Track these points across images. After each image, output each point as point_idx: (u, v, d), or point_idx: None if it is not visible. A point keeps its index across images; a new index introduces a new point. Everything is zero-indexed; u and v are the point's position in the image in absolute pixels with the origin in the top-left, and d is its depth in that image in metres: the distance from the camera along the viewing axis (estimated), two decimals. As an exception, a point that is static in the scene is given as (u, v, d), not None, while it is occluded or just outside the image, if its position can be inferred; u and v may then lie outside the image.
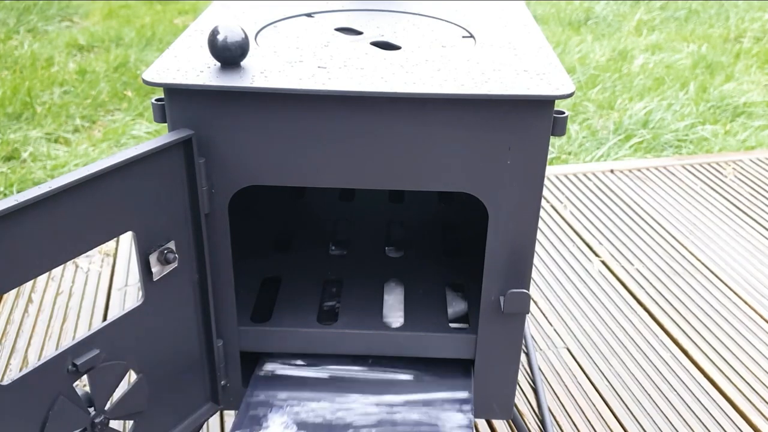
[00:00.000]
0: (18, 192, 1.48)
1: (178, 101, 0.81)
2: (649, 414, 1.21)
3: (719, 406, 1.24)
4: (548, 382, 1.27)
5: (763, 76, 2.96)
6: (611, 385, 1.27)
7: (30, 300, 1.46)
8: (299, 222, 1.26)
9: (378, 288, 1.08)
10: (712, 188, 1.96)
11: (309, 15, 1.05)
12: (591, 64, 3.02)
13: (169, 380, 0.90)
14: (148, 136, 2.35)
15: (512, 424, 1.18)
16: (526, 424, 1.18)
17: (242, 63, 0.83)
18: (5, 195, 1.93)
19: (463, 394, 0.95)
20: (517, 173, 0.83)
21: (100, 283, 1.52)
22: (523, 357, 1.32)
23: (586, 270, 1.59)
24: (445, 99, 0.79)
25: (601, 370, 1.31)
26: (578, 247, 1.67)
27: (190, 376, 0.93)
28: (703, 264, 1.62)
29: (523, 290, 0.90)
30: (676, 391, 1.27)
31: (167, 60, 0.84)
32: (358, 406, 0.93)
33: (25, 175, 2.04)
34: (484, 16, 1.06)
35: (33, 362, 1.29)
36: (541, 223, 1.78)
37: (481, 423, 1.18)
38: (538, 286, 1.54)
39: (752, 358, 1.35)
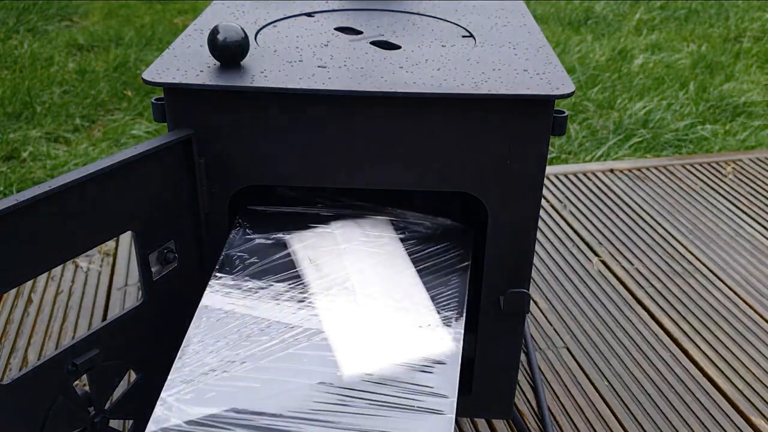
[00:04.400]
0: (18, 192, 1.48)
1: (177, 101, 0.81)
2: (649, 414, 1.21)
3: (719, 406, 1.24)
4: (548, 382, 1.27)
5: (763, 75, 2.96)
6: (611, 385, 1.27)
7: (30, 300, 1.46)
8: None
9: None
10: (712, 188, 1.96)
11: (309, 15, 1.05)
12: (591, 63, 3.02)
13: (168, 380, 0.90)
14: (148, 135, 2.35)
15: (512, 424, 1.18)
16: (526, 424, 1.18)
17: (242, 63, 0.83)
18: (5, 195, 1.93)
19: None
20: (517, 173, 0.83)
21: (100, 283, 1.52)
22: (523, 357, 1.32)
23: (586, 270, 1.59)
24: (445, 99, 0.79)
25: (601, 370, 1.31)
26: (578, 247, 1.67)
27: (189, 376, 0.93)
28: (703, 264, 1.62)
29: (523, 290, 0.90)
30: (676, 391, 1.27)
31: (167, 59, 0.84)
32: None
33: (25, 175, 2.04)
34: (484, 16, 1.06)
35: (33, 362, 1.29)
36: (541, 223, 1.78)
37: (481, 423, 1.18)
38: (538, 286, 1.54)
39: (752, 358, 1.35)
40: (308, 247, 0.90)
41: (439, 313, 0.81)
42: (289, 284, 0.84)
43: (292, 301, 0.81)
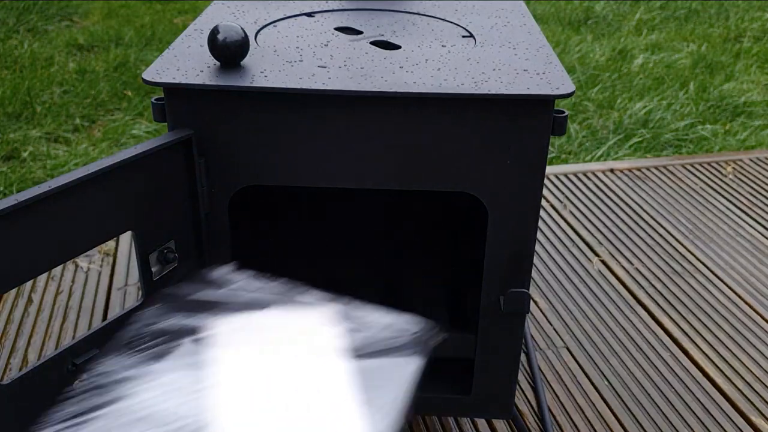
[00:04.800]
0: (18, 192, 1.48)
1: (177, 101, 0.81)
2: (649, 414, 1.21)
3: (719, 406, 1.24)
4: (548, 382, 1.27)
5: (763, 75, 2.96)
6: (611, 385, 1.27)
7: (30, 300, 1.46)
8: (299, 222, 1.26)
9: (378, 288, 1.08)
10: (712, 188, 1.96)
11: (309, 15, 1.05)
12: (591, 63, 3.02)
13: (168, 380, 0.90)
14: (148, 135, 2.35)
15: (512, 424, 1.18)
16: (526, 424, 1.18)
17: (242, 62, 0.83)
18: (5, 195, 1.93)
19: None
20: (517, 173, 0.83)
21: (100, 283, 1.52)
22: (523, 357, 1.32)
23: (586, 270, 1.59)
24: (445, 99, 0.79)
25: (601, 370, 1.31)
26: (578, 247, 1.67)
27: (189, 376, 0.93)
28: (703, 264, 1.62)
29: (523, 290, 0.90)
30: (676, 391, 1.27)
31: (167, 59, 0.84)
32: None
33: (25, 175, 2.04)
34: (484, 16, 1.06)
35: (33, 362, 1.29)
36: (541, 223, 1.77)
37: (481, 423, 1.18)
38: (538, 286, 1.54)
39: (752, 358, 1.35)
40: (228, 332, 0.73)
41: (361, 421, 0.64)
42: (188, 371, 0.68)
43: (187, 390, 0.66)
